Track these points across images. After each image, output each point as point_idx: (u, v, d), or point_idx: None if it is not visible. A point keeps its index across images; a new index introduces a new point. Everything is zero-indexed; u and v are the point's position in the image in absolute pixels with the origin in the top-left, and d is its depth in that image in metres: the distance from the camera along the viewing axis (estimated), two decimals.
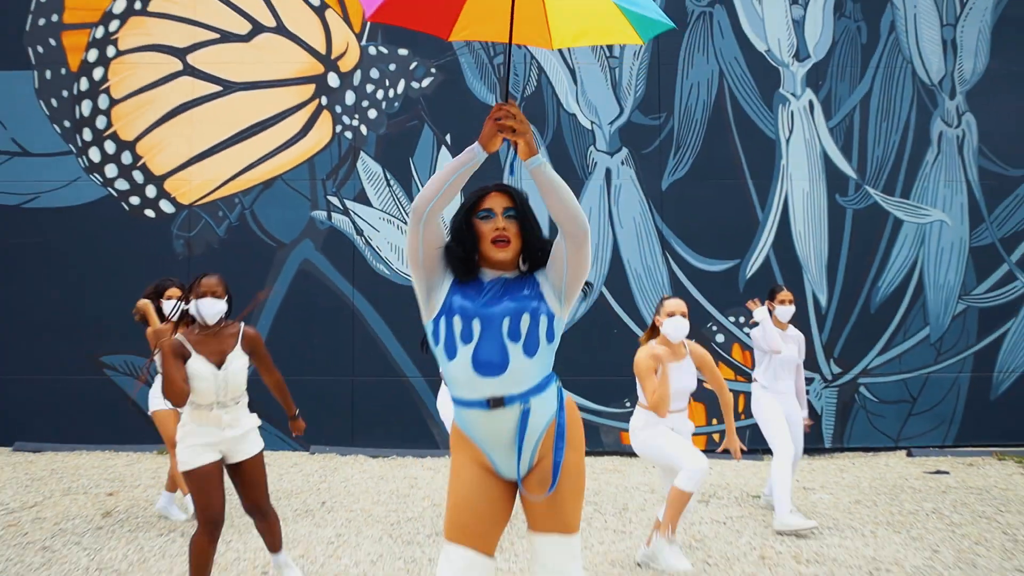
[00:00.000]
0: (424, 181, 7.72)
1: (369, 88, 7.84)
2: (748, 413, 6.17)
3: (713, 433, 7.61)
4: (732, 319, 7.70)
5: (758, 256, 7.73)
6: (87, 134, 7.84)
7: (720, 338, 7.70)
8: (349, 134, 7.82)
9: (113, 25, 7.86)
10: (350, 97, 7.84)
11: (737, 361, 7.68)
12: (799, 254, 7.75)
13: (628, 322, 7.68)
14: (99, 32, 7.86)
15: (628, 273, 7.73)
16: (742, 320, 7.65)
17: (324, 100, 7.84)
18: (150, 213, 7.81)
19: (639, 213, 7.75)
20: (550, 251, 2.45)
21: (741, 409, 7.48)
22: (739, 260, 7.73)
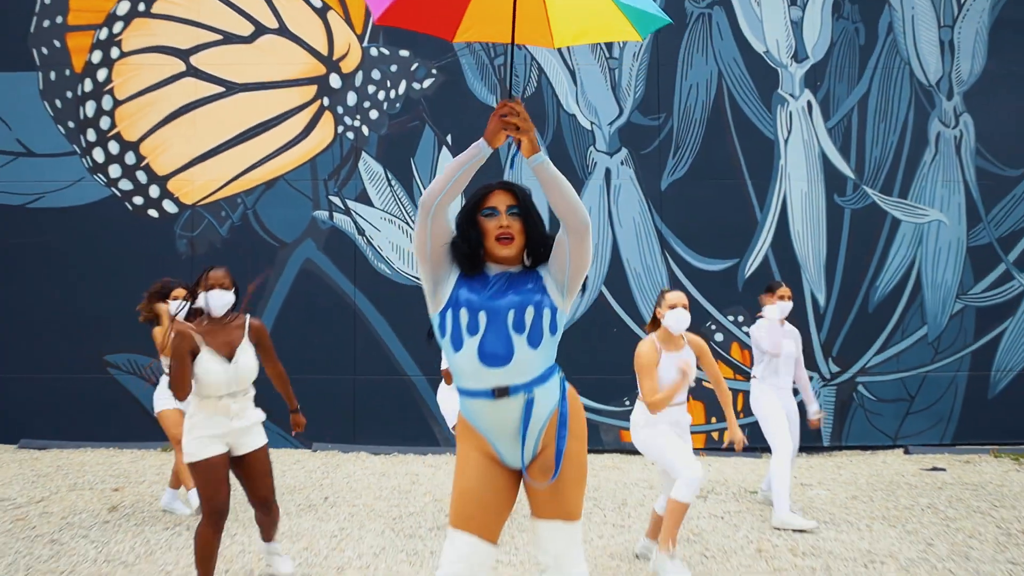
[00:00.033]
0: (425, 181, 7.80)
1: (371, 89, 7.91)
2: (747, 411, 6.23)
3: (712, 431, 7.68)
4: (731, 318, 7.76)
5: (757, 256, 7.80)
6: (91, 135, 7.90)
7: (719, 337, 7.76)
8: (351, 135, 7.89)
9: (117, 27, 7.93)
10: (352, 98, 7.91)
11: (736, 360, 7.74)
12: (797, 254, 7.81)
13: (628, 321, 7.74)
14: (103, 34, 7.93)
15: (628, 273, 7.79)
16: (741, 319, 7.71)
17: (326, 101, 7.91)
18: (153, 213, 7.88)
19: (638, 213, 7.82)
20: (552, 246, 2.52)
21: (740, 408, 7.54)
22: (738, 260, 7.80)
